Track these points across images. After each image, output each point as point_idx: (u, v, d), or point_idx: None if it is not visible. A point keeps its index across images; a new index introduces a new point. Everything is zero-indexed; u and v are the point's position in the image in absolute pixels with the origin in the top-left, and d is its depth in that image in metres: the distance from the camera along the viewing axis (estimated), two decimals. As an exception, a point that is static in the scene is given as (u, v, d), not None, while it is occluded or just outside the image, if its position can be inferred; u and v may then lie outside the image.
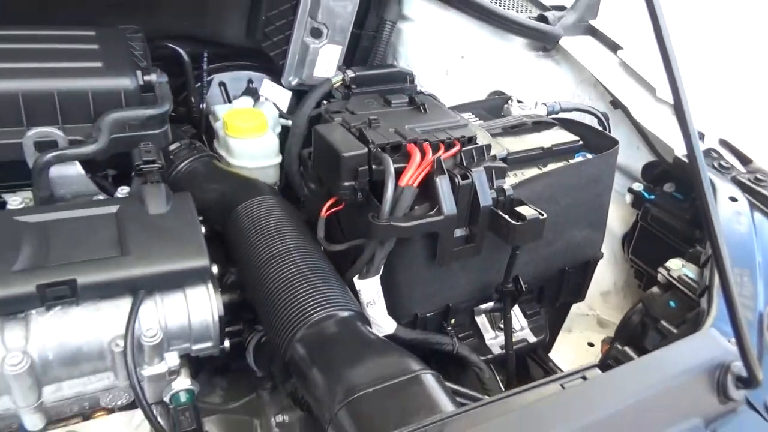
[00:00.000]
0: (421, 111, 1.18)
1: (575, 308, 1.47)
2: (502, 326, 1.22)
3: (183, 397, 0.91)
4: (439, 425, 0.62)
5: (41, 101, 1.02)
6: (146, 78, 1.13)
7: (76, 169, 1.03)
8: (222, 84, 1.66)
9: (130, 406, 0.94)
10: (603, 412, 0.66)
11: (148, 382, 0.89)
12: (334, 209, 1.05)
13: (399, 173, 0.98)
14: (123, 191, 1.06)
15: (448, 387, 0.73)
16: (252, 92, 1.60)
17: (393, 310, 1.07)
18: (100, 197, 1.06)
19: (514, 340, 1.21)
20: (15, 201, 1.00)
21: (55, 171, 1.01)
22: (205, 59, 1.56)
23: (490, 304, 1.23)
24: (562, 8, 1.74)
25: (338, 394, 0.70)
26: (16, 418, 0.85)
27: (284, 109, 1.63)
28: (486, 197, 1.02)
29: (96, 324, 0.85)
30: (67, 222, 0.91)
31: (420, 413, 0.65)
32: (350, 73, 1.36)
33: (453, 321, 1.17)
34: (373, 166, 1.00)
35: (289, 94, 1.68)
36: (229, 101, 1.66)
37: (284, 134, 1.50)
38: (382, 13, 1.61)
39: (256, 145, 1.39)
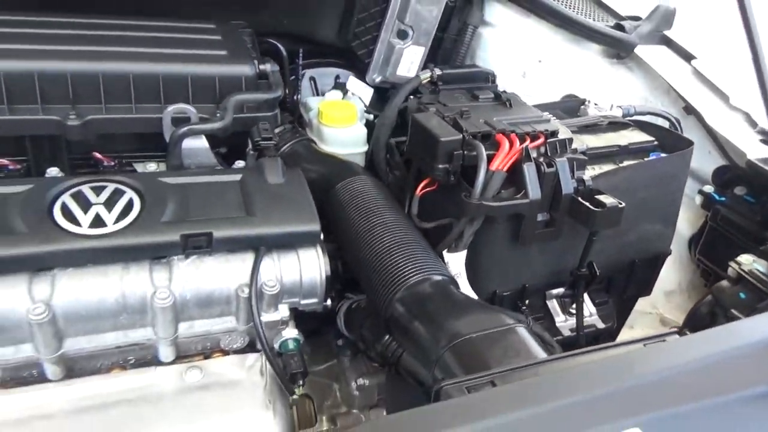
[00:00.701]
0: (506, 106, 1.28)
1: (638, 306, 1.53)
2: (571, 311, 1.30)
3: (291, 344, 1.04)
4: (535, 367, 0.72)
5: (177, 83, 1.17)
6: (261, 67, 1.28)
7: (203, 142, 1.17)
8: (312, 78, 1.81)
9: (243, 350, 1.07)
10: (682, 367, 0.74)
11: (264, 328, 1.02)
12: (428, 189, 1.16)
13: (489, 159, 1.09)
14: (240, 164, 1.20)
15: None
16: (341, 87, 1.73)
17: (473, 286, 1.17)
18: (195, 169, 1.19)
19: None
20: (152, 166, 1.15)
21: (186, 143, 1.15)
22: (301, 55, 1.71)
23: (561, 290, 1.31)
24: (637, 18, 1.81)
25: (442, 340, 0.80)
26: (153, 350, 0.99)
27: (366, 104, 1.76)
28: (568, 185, 1.11)
29: (225, 273, 0.99)
30: (201, 185, 1.05)
31: (518, 357, 0.74)
32: (437, 71, 1.47)
33: (527, 302, 1.25)
34: (465, 152, 1.11)
35: (371, 90, 1.81)
36: (317, 94, 1.80)
37: (366, 127, 1.63)
38: (465, 18, 1.73)
39: (346, 133, 1.52)
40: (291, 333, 1.04)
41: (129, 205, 0.97)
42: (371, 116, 1.67)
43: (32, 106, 1.09)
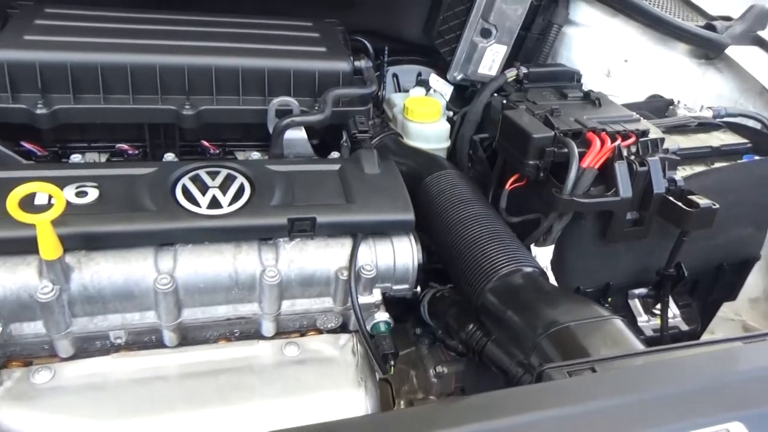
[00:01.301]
0: (595, 105, 1.29)
1: (720, 312, 1.50)
2: (654, 311, 1.30)
3: (382, 327, 1.09)
4: (635, 357, 0.74)
5: (280, 77, 1.24)
6: (356, 63, 1.34)
7: (302, 133, 1.24)
8: (395, 75, 1.86)
9: (335, 330, 1.13)
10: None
11: (359, 309, 1.08)
12: (517, 184, 1.19)
13: (580, 157, 1.11)
14: (335, 155, 1.27)
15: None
16: (424, 84, 1.78)
17: (557, 281, 1.19)
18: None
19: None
20: (256, 155, 1.23)
21: (287, 134, 1.22)
22: (386, 53, 1.77)
23: (644, 290, 1.31)
24: (728, 18, 1.76)
25: (538, 327, 0.84)
26: (257, 324, 1.07)
27: (447, 101, 1.80)
28: (659, 184, 1.12)
29: (326, 256, 1.05)
30: (303, 173, 1.12)
31: (616, 346, 0.77)
32: (523, 69, 1.49)
33: (609, 300, 1.26)
34: (556, 149, 1.13)
35: (451, 88, 1.85)
36: (399, 91, 1.85)
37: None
38: (550, 17, 1.73)
39: (430, 129, 1.56)
40: (382, 316, 1.10)
41: (241, 190, 1.05)
42: (450, 113, 1.71)
43: (152, 96, 1.19)
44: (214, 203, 1.01)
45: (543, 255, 1.15)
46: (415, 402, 1.42)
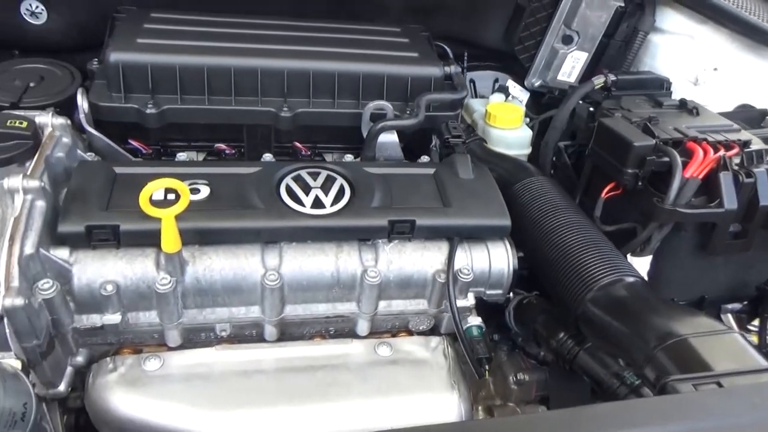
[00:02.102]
0: (693, 114, 1.27)
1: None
2: (750, 327, 1.26)
3: (475, 331, 1.09)
4: (762, 374, 0.72)
5: (374, 81, 1.27)
6: (447, 69, 1.35)
7: (394, 137, 1.26)
8: (472, 81, 1.86)
9: (426, 333, 1.14)
10: None
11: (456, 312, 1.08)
12: (613, 193, 1.17)
13: (683, 166, 1.09)
14: (425, 158, 1.28)
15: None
16: (503, 90, 1.77)
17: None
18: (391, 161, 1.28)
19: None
20: (349, 157, 1.25)
21: (379, 137, 1.25)
22: (466, 58, 1.77)
23: (737, 305, 1.27)
24: (827, 25, 1.69)
25: (651, 340, 0.82)
26: (352, 323, 1.09)
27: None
28: (766, 196, 1.08)
29: (423, 258, 1.06)
30: (399, 176, 1.13)
31: (739, 362, 0.75)
32: (611, 77, 1.47)
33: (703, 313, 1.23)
34: (656, 158, 1.11)
35: (527, 94, 1.84)
36: (476, 97, 1.86)
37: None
38: (635, 24, 1.70)
39: (513, 135, 1.55)
40: (476, 320, 1.10)
41: (341, 191, 1.07)
42: (527, 119, 1.70)
43: (252, 98, 1.23)
44: (317, 203, 1.04)
45: (638, 265, 1.13)
46: (493, 408, 1.41)
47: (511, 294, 1.13)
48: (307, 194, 1.05)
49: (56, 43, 1.56)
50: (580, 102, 1.51)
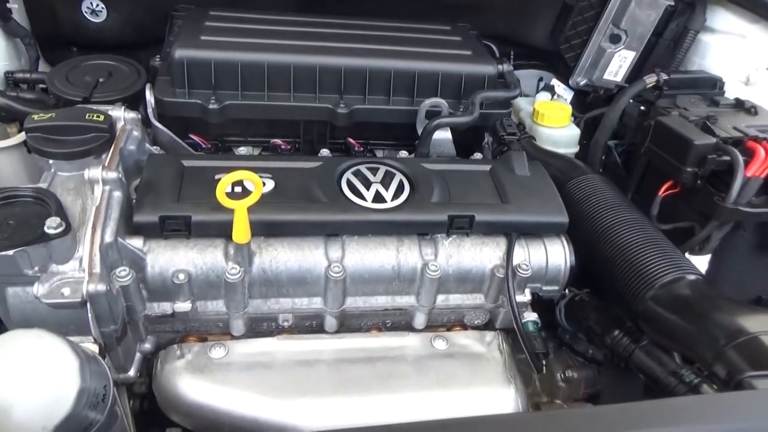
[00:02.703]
0: (750, 113, 1.26)
1: None
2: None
3: (531, 326, 1.10)
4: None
5: (429, 79, 1.28)
6: (499, 67, 1.36)
7: (448, 134, 1.27)
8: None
9: (479, 327, 1.16)
10: None
11: (509, 308, 1.09)
12: (670, 192, 1.17)
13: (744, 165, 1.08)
14: (478, 155, 1.29)
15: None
16: (549, 89, 1.77)
17: (707, 291, 1.16)
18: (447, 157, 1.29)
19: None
20: (404, 153, 1.27)
21: (434, 134, 1.26)
22: (512, 57, 1.78)
23: (794, 307, 1.26)
24: None
25: (721, 337, 0.82)
26: (409, 316, 1.11)
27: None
28: (829, 197, 1.08)
29: (482, 253, 1.08)
30: (457, 172, 1.15)
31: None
32: (663, 76, 1.47)
33: (758, 314, 1.22)
34: (716, 157, 1.11)
35: (572, 93, 1.84)
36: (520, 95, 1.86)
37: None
38: (685, 23, 1.69)
39: (561, 134, 1.55)
40: (531, 316, 1.11)
41: (401, 186, 1.09)
42: (573, 118, 1.70)
43: (310, 94, 1.25)
44: (378, 197, 1.06)
45: (696, 264, 1.13)
46: (541, 405, 1.41)
47: (566, 290, 1.14)
48: (368, 189, 1.07)
49: (113, 39, 1.61)
50: (630, 101, 1.51)
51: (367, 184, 1.08)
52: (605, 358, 1.22)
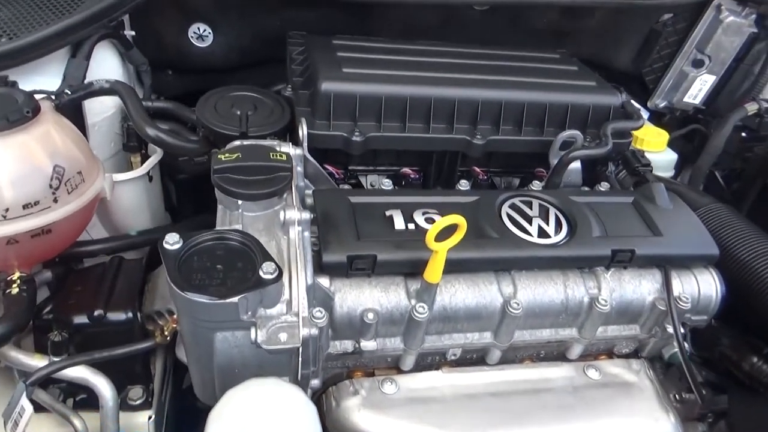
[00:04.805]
0: None
1: None
2: None
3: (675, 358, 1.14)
4: None
5: (558, 110, 1.31)
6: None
7: (578, 165, 1.30)
8: (597, 103, 1.91)
9: (626, 356, 1.19)
10: None
11: (659, 338, 1.13)
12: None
13: None
14: (605, 185, 1.32)
15: None
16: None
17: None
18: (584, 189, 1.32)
19: None
20: (537, 184, 1.29)
21: (567, 165, 1.29)
22: (598, 81, 1.82)
23: None
24: None
25: None
26: (563, 346, 1.13)
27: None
28: None
29: (641, 287, 1.11)
30: (603, 204, 1.17)
31: None
32: (764, 104, 1.52)
33: None
34: None
35: (647, 114, 1.88)
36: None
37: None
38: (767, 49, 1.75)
39: (659, 158, 1.60)
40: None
41: (558, 220, 1.11)
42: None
43: (444, 125, 1.27)
44: (542, 232, 1.08)
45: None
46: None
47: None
48: (530, 223, 1.09)
49: (213, 63, 1.60)
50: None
51: (528, 219, 1.10)
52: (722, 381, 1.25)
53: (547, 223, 1.10)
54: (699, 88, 1.82)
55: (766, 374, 1.15)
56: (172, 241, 0.85)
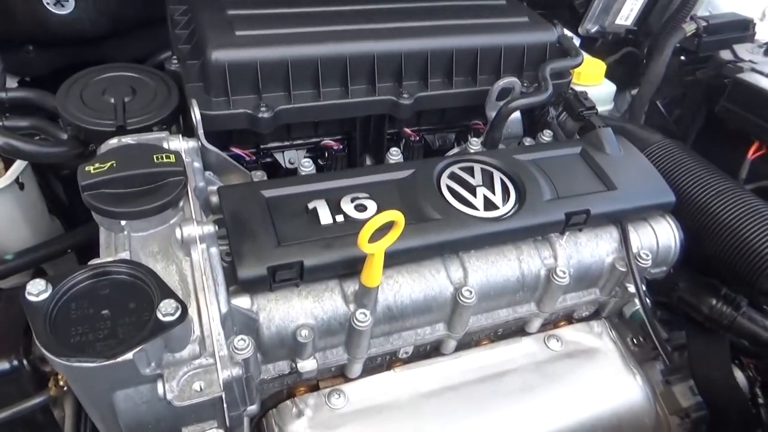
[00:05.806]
0: (810, 59, 1.24)
1: None
2: None
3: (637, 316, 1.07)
4: None
5: (490, 55, 1.15)
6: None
7: (517, 114, 1.17)
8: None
9: (586, 318, 1.11)
10: None
11: (619, 297, 1.05)
12: (758, 153, 1.15)
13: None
14: (548, 133, 1.19)
15: None
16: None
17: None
18: (526, 141, 1.20)
19: None
20: (475, 141, 1.15)
21: (503, 116, 1.15)
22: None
23: None
24: None
25: None
26: (521, 322, 1.04)
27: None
28: None
29: (598, 248, 1.01)
30: (548, 160, 1.05)
31: None
32: (702, 22, 1.42)
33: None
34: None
35: (578, 41, 1.76)
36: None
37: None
38: (696, -39, 1.64)
39: (596, 91, 1.48)
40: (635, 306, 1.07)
41: (505, 186, 0.99)
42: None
43: (367, 86, 1.09)
44: (489, 204, 0.95)
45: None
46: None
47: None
48: (474, 195, 0.96)
49: (80, 32, 1.34)
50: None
51: (471, 189, 0.97)
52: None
53: (493, 192, 0.97)
54: (630, 8, 1.71)
55: (726, 316, 1.11)
56: (36, 291, 0.66)
